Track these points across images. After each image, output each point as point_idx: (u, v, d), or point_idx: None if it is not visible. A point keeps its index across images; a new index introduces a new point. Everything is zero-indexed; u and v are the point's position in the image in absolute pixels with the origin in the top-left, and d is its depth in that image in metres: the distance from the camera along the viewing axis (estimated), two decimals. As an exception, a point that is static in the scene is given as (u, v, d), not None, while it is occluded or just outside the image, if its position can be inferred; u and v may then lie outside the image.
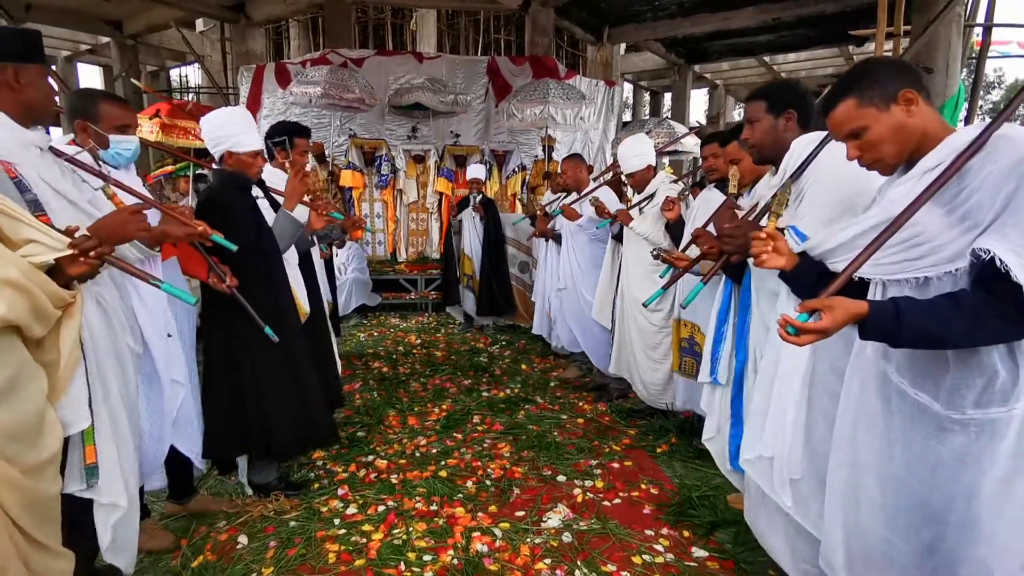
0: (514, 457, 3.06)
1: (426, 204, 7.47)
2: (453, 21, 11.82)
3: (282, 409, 2.45)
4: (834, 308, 1.16)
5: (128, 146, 2.00)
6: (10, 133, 1.49)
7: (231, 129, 2.36)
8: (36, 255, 1.27)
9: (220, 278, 2.14)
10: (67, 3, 9.05)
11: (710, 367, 2.29)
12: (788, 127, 1.86)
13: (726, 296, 2.26)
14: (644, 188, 3.34)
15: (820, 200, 1.67)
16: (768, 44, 10.96)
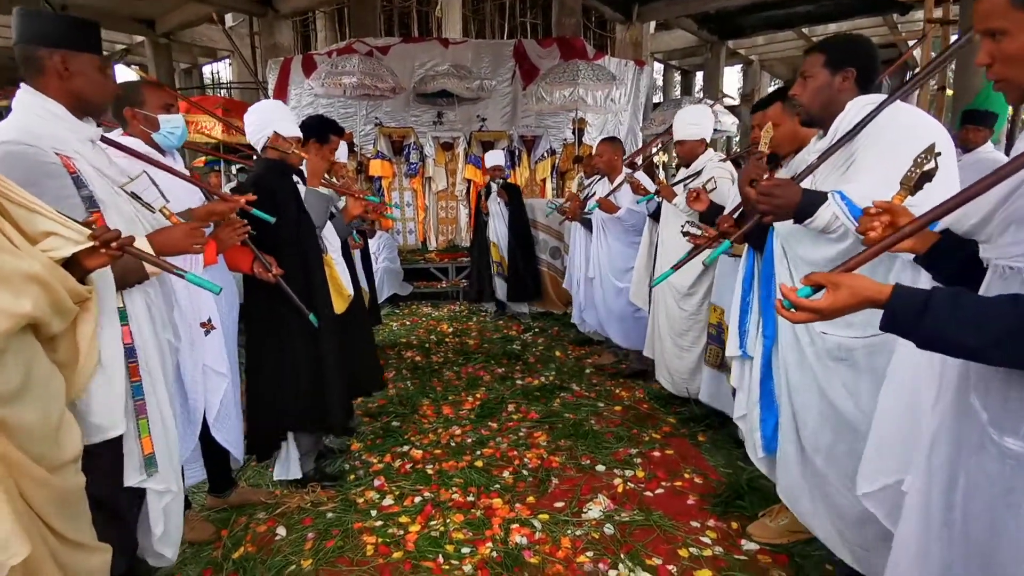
0: (551, 446, 2.99)
1: (455, 192, 7.42)
2: (479, 6, 11.67)
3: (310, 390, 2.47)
4: (840, 287, 0.96)
5: (176, 124, 2.05)
6: (67, 125, 1.47)
7: (274, 115, 2.44)
8: (56, 248, 1.21)
9: (266, 268, 2.14)
10: (100, 3, 9.22)
11: (739, 340, 2.14)
12: (844, 87, 1.67)
13: (749, 265, 2.12)
14: (691, 163, 3.14)
15: (882, 163, 1.47)
16: (807, 15, 10.51)
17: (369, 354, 3.01)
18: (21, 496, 1.09)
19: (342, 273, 2.69)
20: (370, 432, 3.18)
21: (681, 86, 16.31)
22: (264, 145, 2.44)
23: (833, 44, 1.73)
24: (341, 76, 6.32)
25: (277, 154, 2.44)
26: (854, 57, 1.67)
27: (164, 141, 2.03)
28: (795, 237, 1.73)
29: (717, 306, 2.75)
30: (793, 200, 1.51)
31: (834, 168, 1.62)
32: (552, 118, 7.52)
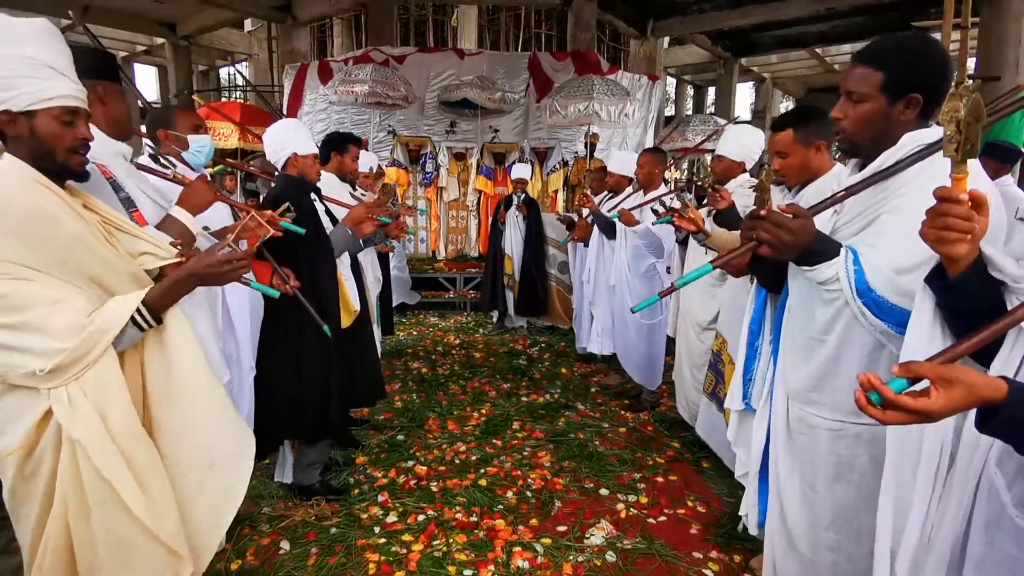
0: (555, 467, 3.00)
1: (466, 202, 7.46)
2: (494, 16, 11.75)
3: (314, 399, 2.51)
4: (953, 383, 0.78)
5: (203, 143, 2.22)
6: (101, 142, 1.62)
7: (291, 135, 2.54)
8: (148, 264, 1.45)
9: (284, 280, 2.18)
10: (124, 5, 9.37)
11: (742, 390, 1.88)
12: (906, 117, 1.29)
13: (759, 305, 1.84)
14: (724, 183, 2.94)
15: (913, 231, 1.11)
16: (821, 35, 10.53)
17: (372, 366, 3.03)
18: None
19: (351, 289, 2.76)
20: (375, 445, 3.20)
21: (693, 101, 16.34)
22: (284, 163, 2.50)
23: (898, 62, 1.28)
24: (354, 84, 6.40)
25: (296, 171, 2.52)
26: (925, 80, 1.27)
27: (193, 159, 2.17)
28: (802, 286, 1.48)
29: (720, 334, 2.63)
30: (804, 238, 1.26)
31: (861, 212, 1.35)
32: (564, 131, 7.55)
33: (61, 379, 1.21)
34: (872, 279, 1.23)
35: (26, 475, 1.29)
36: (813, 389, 1.45)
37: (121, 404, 1.28)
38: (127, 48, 12.79)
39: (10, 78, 1.23)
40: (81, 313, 1.24)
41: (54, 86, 1.27)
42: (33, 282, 1.21)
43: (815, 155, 1.95)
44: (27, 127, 1.27)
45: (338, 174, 3.16)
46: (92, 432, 1.22)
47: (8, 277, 1.18)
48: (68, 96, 1.29)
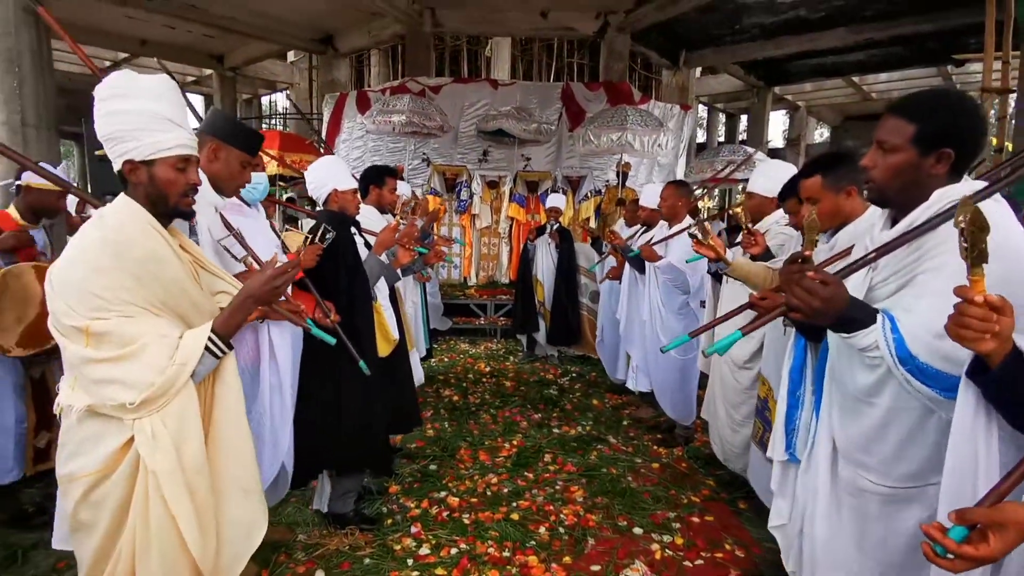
0: (588, 503, 2.97)
1: (498, 229, 7.55)
2: (527, 47, 12.00)
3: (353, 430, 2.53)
4: (1006, 527, 0.82)
5: (259, 181, 2.31)
6: (204, 190, 1.75)
7: (332, 172, 2.65)
8: (222, 302, 1.57)
9: (325, 314, 2.24)
10: (177, 39, 9.87)
11: (785, 440, 1.77)
12: (937, 171, 1.28)
13: (799, 354, 1.75)
14: (757, 220, 2.90)
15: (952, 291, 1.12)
16: (858, 64, 10.45)
17: (409, 394, 3.07)
18: None
19: (389, 319, 2.83)
20: (408, 475, 3.21)
21: (726, 129, 16.29)
22: (325, 199, 2.61)
23: (930, 115, 1.28)
24: (391, 114, 6.59)
25: (337, 206, 2.62)
26: (957, 135, 1.26)
27: (249, 195, 2.27)
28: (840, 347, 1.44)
29: (765, 379, 2.50)
30: (836, 307, 1.22)
31: (896, 274, 1.31)
32: (596, 160, 7.62)
33: (147, 410, 1.30)
34: (913, 346, 1.19)
35: (91, 501, 1.35)
36: (862, 451, 1.40)
37: (196, 437, 1.35)
38: (178, 79, 13.41)
39: (134, 131, 1.35)
40: (171, 347, 1.34)
41: (172, 137, 1.39)
42: (136, 319, 1.31)
43: (846, 200, 1.93)
44: (147, 175, 1.39)
45: (377, 206, 3.26)
46: (169, 464, 1.29)
47: (119, 314, 1.29)
48: (183, 146, 1.41)
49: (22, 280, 2.39)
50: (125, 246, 1.32)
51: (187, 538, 1.31)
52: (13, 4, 4.68)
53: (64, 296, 1.27)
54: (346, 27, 9.31)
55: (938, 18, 7.59)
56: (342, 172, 2.66)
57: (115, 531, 1.35)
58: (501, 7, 8.28)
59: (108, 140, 1.38)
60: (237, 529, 1.49)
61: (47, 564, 2.36)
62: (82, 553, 1.41)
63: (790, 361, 1.78)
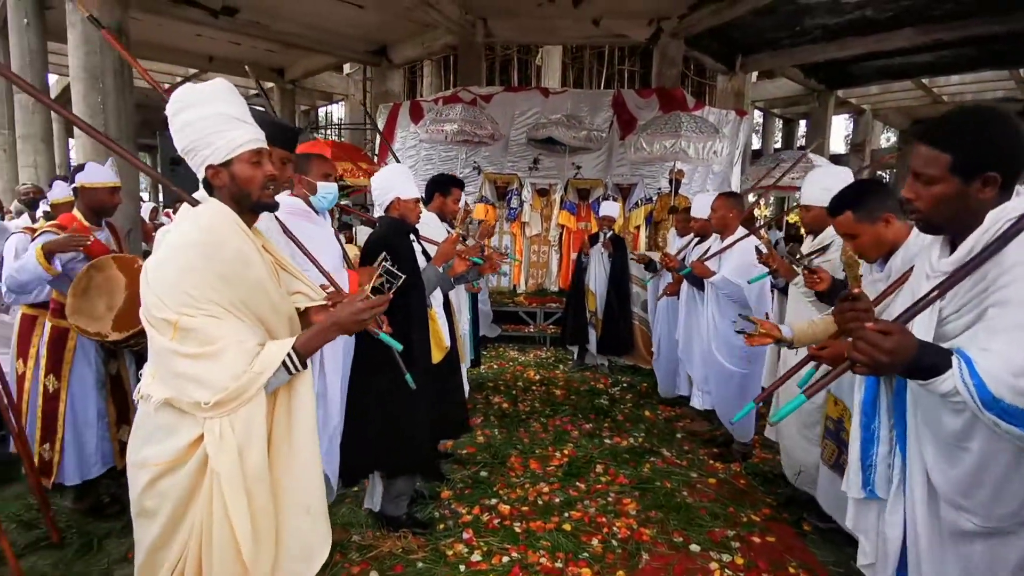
0: (641, 516, 2.89)
1: (548, 237, 7.53)
2: (578, 54, 11.98)
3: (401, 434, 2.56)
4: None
5: (330, 191, 2.38)
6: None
7: (398, 179, 2.69)
8: (298, 302, 1.62)
9: (378, 324, 2.27)
10: (242, 55, 10.36)
11: (861, 477, 1.59)
12: (986, 195, 1.20)
13: (870, 385, 1.59)
14: (818, 233, 2.77)
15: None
16: (927, 65, 9.95)
17: (458, 400, 3.07)
18: None
19: (443, 326, 2.87)
20: (459, 480, 3.22)
21: (783, 135, 15.80)
22: (388, 205, 2.65)
23: (963, 141, 1.20)
24: (443, 124, 6.72)
25: (397, 214, 2.66)
26: (997, 157, 1.19)
27: (318, 203, 2.34)
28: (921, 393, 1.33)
29: (838, 399, 2.38)
30: (904, 356, 1.13)
31: (966, 308, 1.23)
32: (647, 167, 7.50)
33: (219, 412, 1.33)
34: (995, 389, 1.10)
35: (158, 490, 1.39)
36: (961, 495, 1.30)
37: (259, 445, 1.37)
38: (241, 91, 14.05)
39: (207, 136, 1.40)
40: (249, 355, 1.36)
41: (241, 134, 1.42)
42: (220, 321, 1.34)
43: (885, 228, 1.85)
44: (227, 176, 1.43)
45: (439, 214, 3.30)
46: (232, 468, 1.32)
47: (204, 313, 1.32)
48: (252, 140, 1.44)
49: (106, 272, 2.55)
50: (215, 247, 1.36)
51: (240, 541, 1.33)
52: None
53: (157, 290, 1.32)
54: (400, 39, 9.54)
55: (1010, 19, 7.17)
56: (406, 181, 2.71)
57: (176, 522, 1.39)
58: (552, 16, 8.30)
59: (188, 152, 1.43)
60: (297, 546, 1.48)
61: (119, 552, 2.47)
62: (142, 538, 1.44)
63: (861, 393, 1.62)
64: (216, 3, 7.76)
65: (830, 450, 2.43)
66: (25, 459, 2.45)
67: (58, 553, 2.48)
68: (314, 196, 2.30)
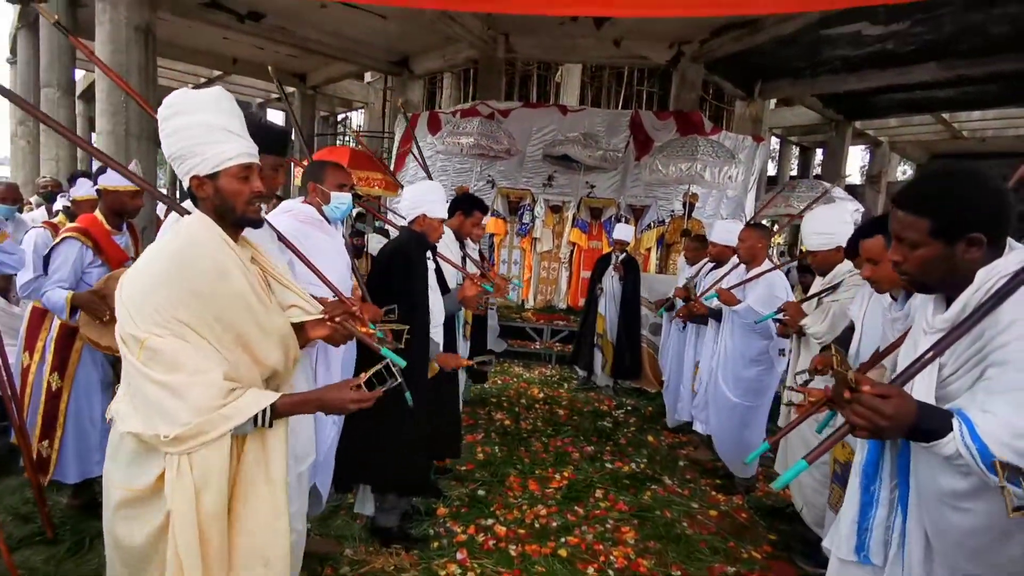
0: (639, 546, 2.84)
1: (559, 254, 7.52)
2: (597, 73, 12.04)
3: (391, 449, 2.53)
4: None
5: (344, 201, 2.34)
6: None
7: (430, 197, 2.71)
8: (293, 317, 1.54)
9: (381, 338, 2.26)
10: (265, 59, 10.51)
11: (856, 540, 1.48)
12: (972, 256, 1.19)
13: (873, 445, 1.49)
14: (827, 272, 2.79)
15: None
16: (949, 100, 9.88)
17: (452, 420, 3.02)
18: None
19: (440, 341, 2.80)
20: (456, 498, 3.18)
21: (799, 163, 15.75)
22: (413, 219, 2.70)
23: (940, 205, 1.20)
24: (460, 136, 6.75)
25: (420, 229, 2.69)
26: (977, 218, 1.17)
27: (331, 213, 2.32)
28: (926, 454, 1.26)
29: (847, 442, 2.24)
30: (904, 420, 1.11)
31: (964, 369, 1.21)
32: (661, 189, 7.50)
33: (178, 448, 1.27)
34: (997, 451, 1.07)
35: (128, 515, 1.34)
36: (966, 558, 1.24)
37: (218, 488, 1.31)
38: (263, 96, 14.27)
39: (196, 145, 1.35)
40: (215, 391, 1.28)
41: (232, 147, 1.38)
42: (188, 344, 1.27)
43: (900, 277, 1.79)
44: (212, 188, 1.38)
45: (456, 231, 3.28)
46: (185, 506, 1.26)
47: (172, 334, 1.26)
48: (243, 154, 1.40)
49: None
50: (190, 259, 1.30)
51: None
52: (125, 24, 5.10)
53: (128, 304, 1.27)
54: (422, 50, 9.65)
55: (1041, 56, 7.12)
56: (437, 200, 2.71)
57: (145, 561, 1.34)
58: (574, 35, 8.36)
59: (175, 159, 1.38)
60: None
61: (111, 554, 2.45)
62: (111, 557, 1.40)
63: (863, 455, 1.51)
64: (242, 7, 7.88)
65: (837, 495, 2.33)
66: (25, 453, 2.45)
67: (51, 549, 2.46)
68: (327, 206, 2.28)
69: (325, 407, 1.42)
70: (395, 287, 2.42)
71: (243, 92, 13.97)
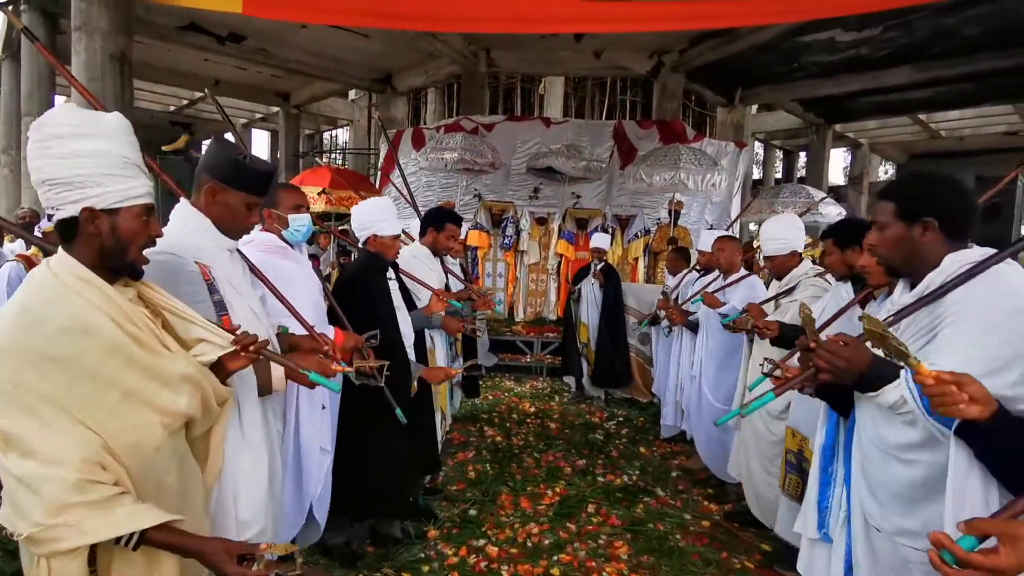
0: (632, 561, 2.82)
1: (547, 266, 7.53)
2: (580, 84, 12.13)
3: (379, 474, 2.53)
4: (1019, 540, 0.84)
5: (302, 222, 2.24)
6: (211, 236, 1.65)
7: (378, 216, 2.63)
8: (205, 354, 1.35)
9: (363, 358, 2.23)
10: (247, 79, 10.51)
11: (817, 518, 1.68)
12: (927, 238, 1.40)
13: (830, 429, 1.70)
14: (783, 276, 3.03)
15: (970, 349, 1.24)
16: (925, 101, 10.03)
17: (428, 439, 2.95)
18: None
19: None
20: (447, 519, 3.15)
21: (783, 166, 15.92)
22: (365, 239, 2.64)
23: (904, 192, 1.48)
24: (444, 152, 6.76)
25: (375, 249, 2.64)
26: (931, 206, 1.41)
27: (291, 236, 2.22)
28: (869, 407, 1.45)
29: (796, 431, 2.46)
30: (859, 367, 1.30)
31: (917, 333, 1.38)
32: (647, 198, 7.54)
33: (36, 550, 1.11)
34: None
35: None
36: (902, 514, 1.37)
37: None
38: (247, 116, 14.25)
39: (98, 175, 1.19)
40: (69, 488, 1.07)
41: (141, 184, 1.25)
42: (42, 423, 1.08)
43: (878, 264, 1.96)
44: (109, 225, 1.21)
45: (432, 248, 3.23)
46: None
47: (17, 410, 1.08)
48: (148, 194, 1.27)
49: None
50: (40, 318, 1.11)
51: None
52: (100, 52, 5.08)
53: None
54: (404, 67, 9.68)
55: (1018, 54, 7.23)
56: (387, 218, 2.65)
57: None
58: (555, 48, 8.43)
59: (59, 185, 1.17)
60: None
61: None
62: None
63: (822, 438, 1.72)
64: (223, 30, 7.88)
65: (793, 482, 2.49)
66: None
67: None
68: (286, 230, 2.18)
69: (205, 559, 1.18)
70: (359, 313, 2.36)
71: (227, 112, 13.96)
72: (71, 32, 5.04)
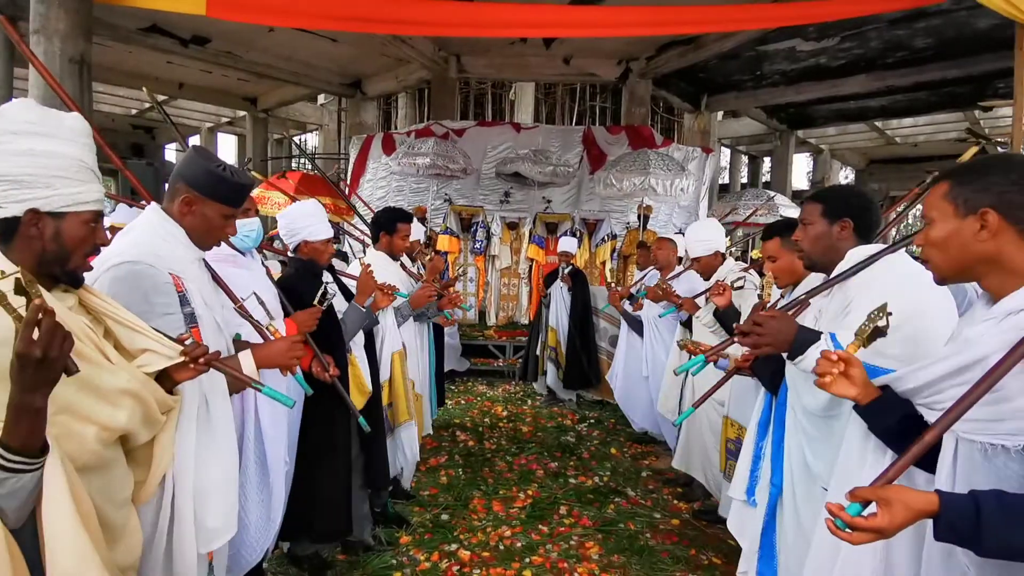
0: (603, 561, 2.85)
1: (518, 270, 7.56)
2: (551, 90, 12.24)
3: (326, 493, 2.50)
4: (892, 503, 0.94)
5: (251, 228, 2.18)
6: (184, 245, 1.62)
7: (305, 221, 2.53)
8: (150, 364, 1.29)
9: (323, 367, 2.20)
10: (212, 83, 10.30)
11: (747, 484, 2.02)
12: (842, 236, 1.73)
13: (765, 409, 2.00)
14: (711, 276, 3.30)
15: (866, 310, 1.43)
16: (882, 109, 10.40)
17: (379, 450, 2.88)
18: None
19: (364, 371, 2.71)
20: (419, 525, 3.14)
21: (749, 171, 16.30)
22: (296, 246, 2.57)
23: (830, 195, 1.83)
24: (416, 157, 6.74)
25: (306, 255, 2.57)
26: (848, 209, 1.73)
27: (242, 244, 2.15)
28: (797, 378, 1.69)
29: (734, 420, 2.72)
30: (787, 336, 1.53)
31: (835, 315, 1.65)
32: (616, 202, 7.64)
33: None
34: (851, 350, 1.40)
35: None
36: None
37: None
38: (213, 120, 13.97)
39: (49, 176, 1.14)
40: None
41: (92, 189, 1.21)
42: None
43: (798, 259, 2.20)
44: (52, 229, 1.15)
45: (388, 253, 3.16)
46: None
47: None
48: (99, 200, 1.23)
49: None
50: None
51: None
52: (59, 56, 4.94)
53: None
54: (374, 72, 9.62)
55: (966, 63, 7.55)
56: (314, 222, 2.54)
57: None
58: (525, 54, 8.50)
59: (7, 181, 1.11)
60: None
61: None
62: None
63: (758, 415, 2.04)
64: (186, 32, 7.72)
65: (731, 467, 2.63)
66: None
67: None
68: (235, 236, 2.05)
69: None
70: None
71: (191, 117, 13.66)
72: (28, 35, 4.87)
